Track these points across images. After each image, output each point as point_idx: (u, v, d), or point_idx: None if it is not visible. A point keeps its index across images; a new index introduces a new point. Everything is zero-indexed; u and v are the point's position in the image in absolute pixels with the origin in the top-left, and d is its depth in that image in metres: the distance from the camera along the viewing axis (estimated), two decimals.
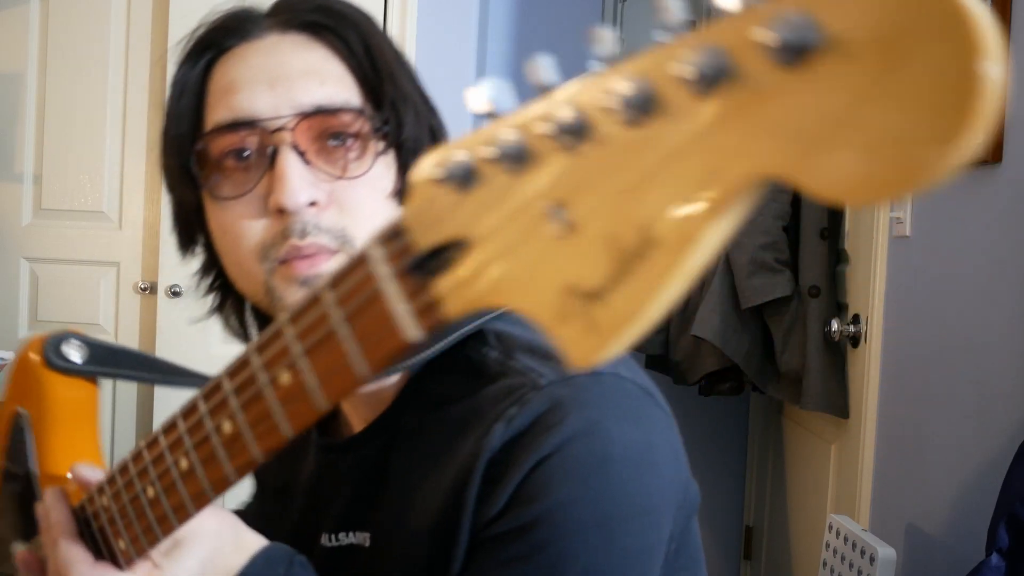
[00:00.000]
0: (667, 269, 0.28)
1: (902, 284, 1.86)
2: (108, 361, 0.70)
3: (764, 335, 2.20)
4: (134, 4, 2.63)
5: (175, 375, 0.74)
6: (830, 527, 1.70)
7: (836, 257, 2.11)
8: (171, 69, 0.71)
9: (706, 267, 0.29)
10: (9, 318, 2.65)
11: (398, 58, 0.70)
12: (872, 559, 1.46)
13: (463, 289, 0.33)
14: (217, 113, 0.66)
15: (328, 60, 0.66)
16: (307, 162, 0.64)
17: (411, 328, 0.35)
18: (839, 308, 2.09)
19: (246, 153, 0.65)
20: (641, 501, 0.60)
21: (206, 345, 2.58)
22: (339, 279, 0.38)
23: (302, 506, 0.75)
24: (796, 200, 2.12)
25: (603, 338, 0.29)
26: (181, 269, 2.54)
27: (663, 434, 0.63)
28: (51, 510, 0.60)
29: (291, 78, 0.65)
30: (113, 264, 2.66)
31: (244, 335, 0.78)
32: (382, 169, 0.66)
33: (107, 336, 2.65)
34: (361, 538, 0.67)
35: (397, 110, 0.67)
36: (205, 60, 0.69)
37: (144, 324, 2.65)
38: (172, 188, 0.73)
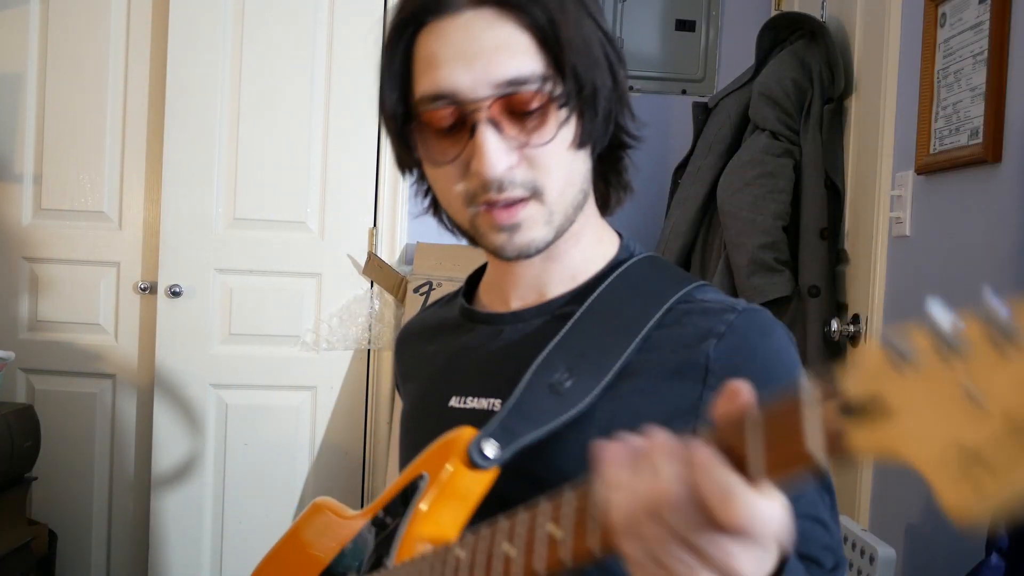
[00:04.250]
0: None
1: (902, 284, 1.86)
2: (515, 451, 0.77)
3: None
4: (134, 4, 2.63)
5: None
6: None
7: (836, 257, 2.11)
8: (171, 71, 0.73)
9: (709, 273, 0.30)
10: (9, 318, 2.64)
11: (580, 12, 0.77)
12: (872, 559, 1.46)
13: (870, 436, 0.42)
14: (423, 84, 0.77)
15: (516, 33, 0.75)
16: (501, 131, 0.75)
17: (815, 444, 0.44)
18: (839, 308, 2.09)
19: (450, 123, 0.76)
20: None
21: (206, 345, 2.58)
22: (770, 401, 0.47)
23: (443, 370, 0.90)
24: (796, 200, 2.12)
25: (979, 493, 0.37)
26: (181, 269, 2.56)
27: None
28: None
29: (485, 54, 0.74)
30: (113, 264, 2.66)
31: (455, 231, 0.89)
32: (566, 125, 0.77)
33: (107, 336, 2.66)
34: (489, 404, 0.83)
35: (577, 73, 0.76)
36: (409, 31, 0.78)
37: (144, 324, 2.65)
38: (392, 137, 0.83)
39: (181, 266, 2.57)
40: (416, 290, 2.56)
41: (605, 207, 0.88)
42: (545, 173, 0.77)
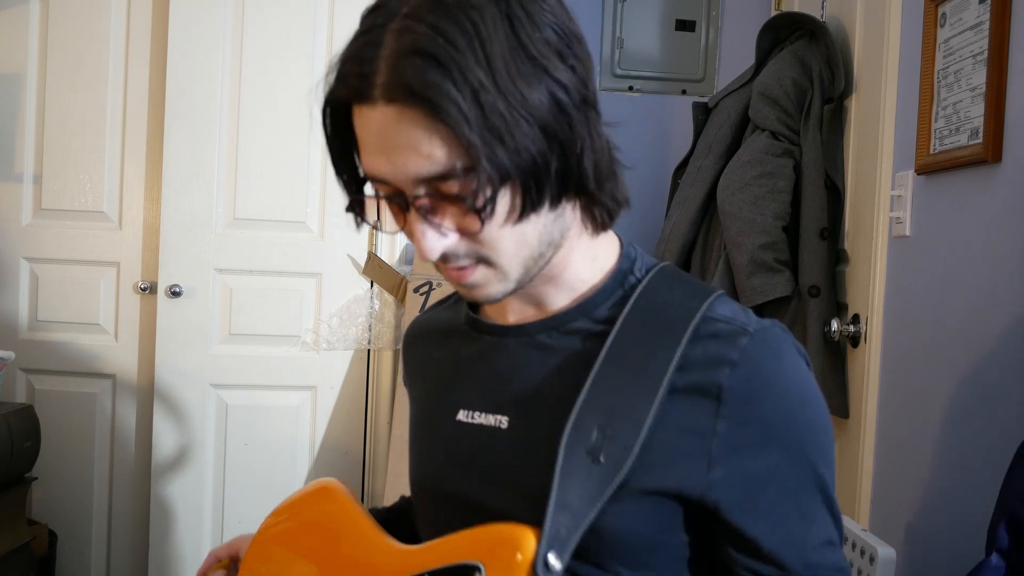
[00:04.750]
0: None
1: (902, 284, 1.86)
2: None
3: None
4: (134, 4, 2.63)
5: None
6: None
7: (836, 257, 2.11)
8: (171, 71, 0.73)
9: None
10: (9, 318, 2.65)
11: (513, 75, 0.70)
12: (872, 559, 1.46)
13: None
14: (363, 162, 0.76)
15: (426, 132, 0.70)
16: (433, 216, 0.74)
17: None
18: (839, 308, 2.09)
19: (393, 200, 0.76)
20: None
21: (206, 345, 2.58)
22: None
23: (450, 379, 0.91)
24: (796, 200, 2.12)
25: None
26: (181, 269, 2.56)
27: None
28: None
29: (399, 152, 0.71)
30: (113, 264, 2.66)
31: None
32: (500, 203, 0.73)
33: (107, 336, 2.66)
34: (497, 420, 0.84)
35: (498, 160, 0.70)
36: (342, 112, 0.77)
37: (144, 324, 2.65)
38: (348, 194, 0.82)
39: (181, 266, 2.57)
40: (416, 290, 2.56)
41: (599, 227, 0.84)
42: (487, 248, 0.75)
